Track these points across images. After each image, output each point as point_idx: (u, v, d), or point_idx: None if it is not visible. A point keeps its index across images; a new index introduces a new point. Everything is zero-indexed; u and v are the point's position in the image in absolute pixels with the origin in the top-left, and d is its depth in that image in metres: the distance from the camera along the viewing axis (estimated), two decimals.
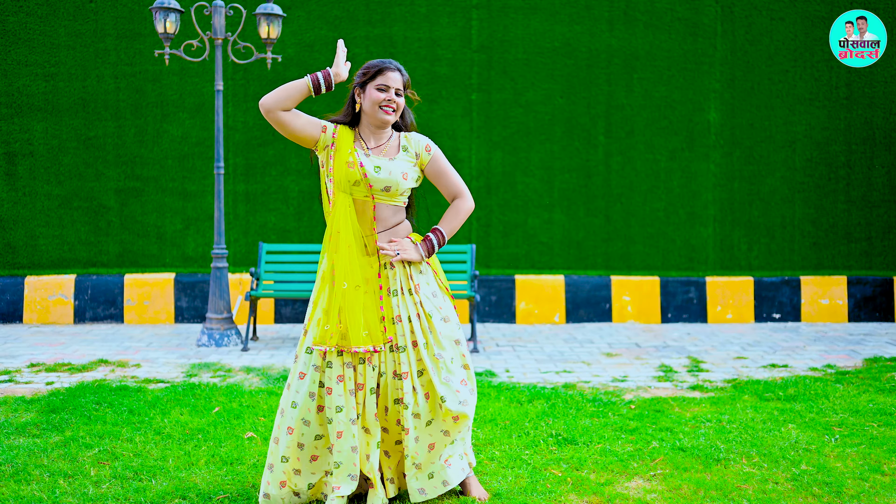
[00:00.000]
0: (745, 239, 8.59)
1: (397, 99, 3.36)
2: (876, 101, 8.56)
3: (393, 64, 3.38)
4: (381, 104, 3.34)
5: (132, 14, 8.21)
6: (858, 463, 3.98)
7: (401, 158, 3.40)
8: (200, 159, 8.32)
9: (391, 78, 3.35)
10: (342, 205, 3.33)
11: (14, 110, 8.22)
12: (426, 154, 3.44)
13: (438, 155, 3.47)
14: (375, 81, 3.35)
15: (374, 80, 3.36)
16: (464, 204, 3.48)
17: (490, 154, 8.44)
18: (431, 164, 3.44)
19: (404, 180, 3.36)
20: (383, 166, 3.34)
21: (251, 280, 7.44)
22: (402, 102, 3.40)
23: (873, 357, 6.61)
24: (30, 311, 8.23)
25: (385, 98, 3.34)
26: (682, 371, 6.14)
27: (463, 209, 3.48)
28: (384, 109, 3.35)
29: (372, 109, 3.36)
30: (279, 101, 3.30)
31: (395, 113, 3.37)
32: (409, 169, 3.39)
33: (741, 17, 8.48)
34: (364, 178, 3.31)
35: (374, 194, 3.34)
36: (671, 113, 8.50)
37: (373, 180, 3.32)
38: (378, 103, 3.34)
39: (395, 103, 3.35)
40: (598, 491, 3.62)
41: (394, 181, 3.33)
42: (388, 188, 3.34)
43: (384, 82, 3.34)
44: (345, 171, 3.32)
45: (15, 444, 4.19)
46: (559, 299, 8.42)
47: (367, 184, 3.32)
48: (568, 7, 8.41)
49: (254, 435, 4.40)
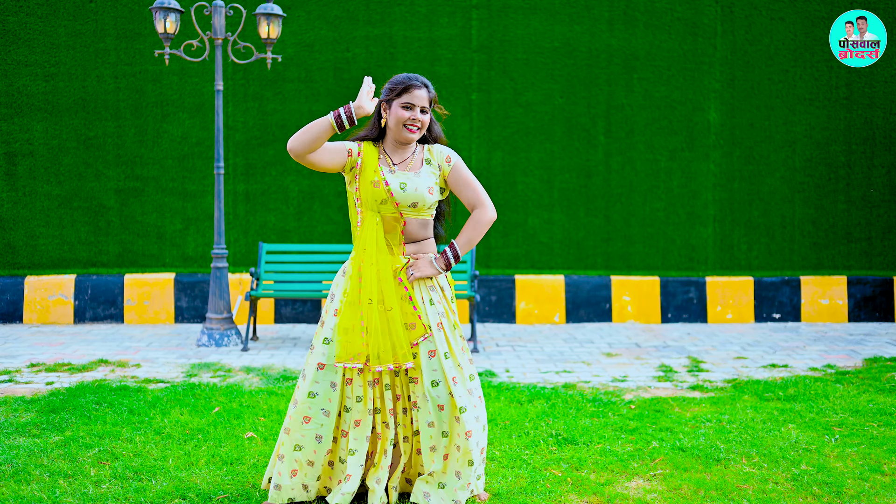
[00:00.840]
0: (745, 239, 8.59)
1: (422, 117, 3.34)
2: (876, 101, 8.56)
3: (420, 80, 3.35)
4: (406, 122, 3.32)
5: (132, 14, 8.21)
6: (858, 463, 3.98)
7: (425, 173, 3.38)
8: (200, 159, 8.32)
9: (417, 96, 3.32)
10: (370, 223, 3.34)
11: (14, 110, 8.22)
12: (447, 165, 3.42)
13: (459, 165, 3.45)
14: (401, 99, 3.32)
15: (401, 98, 3.32)
16: (483, 215, 3.45)
17: (490, 154, 8.44)
18: (452, 174, 3.42)
19: (430, 195, 3.36)
20: (409, 182, 3.33)
21: (251, 280, 7.43)
22: (428, 119, 3.38)
23: (873, 357, 6.61)
24: (30, 311, 8.23)
25: (410, 117, 3.31)
26: (682, 371, 6.14)
27: (483, 221, 3.44)
28: (409, 128, 3.33)
29: (397, 127, 3.34)
30: (305, 144, 3.26)
31: (419, 131, 3.35)
32: (433, 184, 3.38)
33: (741, 17, 8.48)
34: (391, 197, 3.31)
35: (401, 211, 3.34)
36: (671, 113, 8.50)
37: (399, 198, 3.31)
38: (403, 122, 3.32)
39: (419, 122, 3.33)
40: (598, 491, 3.62)
41: (420, 196, 3.33)
42: (415, 204, 3.34)
43: (409, 100, 3.31)
44: (371, 190, 3.32)
45: (15, 444, 4.19)
46: (559, 299, 8.42)
47: (393, 202, 3.31)
48: (568, 7, 8.41)
49: (254, 435, 4.40)
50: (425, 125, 3.37)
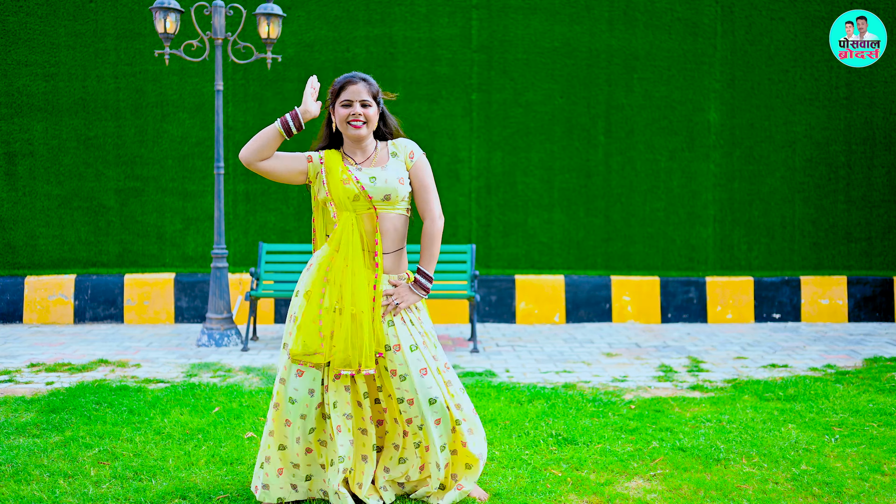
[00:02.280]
0: (745, 239, 8.59)
1: (365, 111, 3.32)
2: (876, 101, 8.56)
3: (356, 76, 3.35)
4: (349, 119, 3.33)
5: (132, 14, 8.21)
6: (858, 463, 3.98)
7: (392, 165, 3.38)
8: (200, 159, 8.32)
9: (353, 91, 3.32)
10: (346, 222, 3.32)
11: (14, 110, 8.22)
12: (409, 160, 3.42)
13: (422, 163, 3.43)
14: (340, 98, 3.35)
15: (339, 97, 3.35)
16: (434, 227, 3.42)
17: (490, 154, 8.44)
18: (414, 172, 3.41)
19: (401, 185, 3.34)
20: (378, 175, 3.32)
21: (251, 280, 7.44)
22: (373, 113, 3.35)
23: (873, 357, 6.61)
24: (30, 311, 8.23)
25: (350, 113, 3.32)
26: (682, 371, 6.14)
27: (436, 233, 3.42)
28: (352, 125, 3.32)
29: (342, 127, 3.35)
30: (255, 151, 3.31)
31: (365, 125, 3.33)
32: (402, 173, 3.37)
33: (741, 17, 8.48)
34: (362, 192, 3.30)
35: (375, 205, 3.32)
36: (671, 113, 8.50)
37: (371, 191, 3.30)
38: (345, 119, 3.33)
39: (363, 116, 3.32)
40: (598, 491, 3.62)
41: (392, 188, 3.32)
42: (387, 197, 3.32)
43: (347, 97, 3.33)
44: (341, 189, 3.31)
45: (15, 444, 4.19)
46: (559, 299, 8.42)
47: (366, 196, 3.30)
48: (568, 7, 8.41)
49: (254, 435, 4.40)
50: (370, 118, 3.34)
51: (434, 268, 3.47)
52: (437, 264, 7.41)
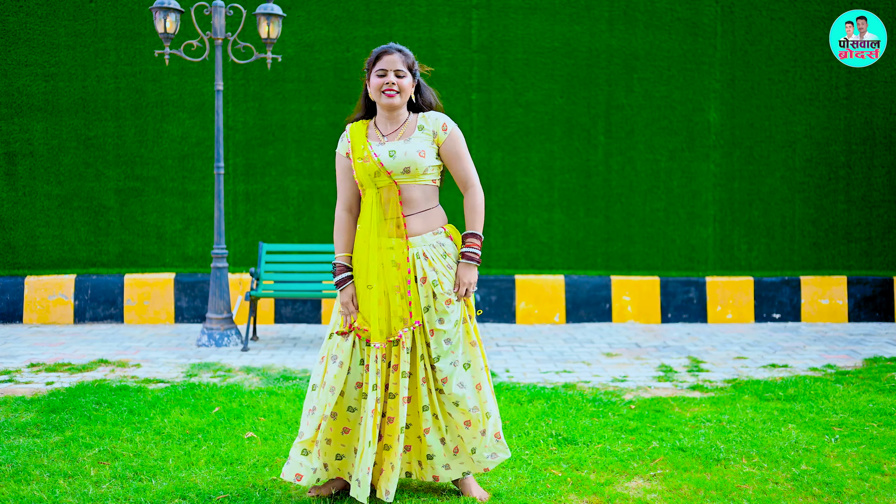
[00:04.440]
0: (745, 239, 8.59)
1: (400, 81, 3.33)
2: (876, 101, 8.56)
3: (392, 47, 3.37)
4: (383, 89, 3.33)
5: (132, 14, 8.21)
6: (858, 463, 3.98)
7: (416, 138, 3.37)
8: (200, 159, 8.32)
9: (388, 61, 3.33)
10: (369, 199, 3.37)
11: (14, 110, 8.22)
12: (443, 133, 3.41)
13: (455, 135, 3.43)
14: (375, 68, 3.36)
15: (375, 67, 3.36)
16: (476, 199, 3.45)
17: (490, 154, 8.44)
18: (446, 145, 3.41)
19: (421, 158, 3.33)
20: (398, 149, 3.33)
21: (251, 280, 7.43)
22: (407, 83, 3.36)
23: (873, 357, 6.61)
24: (30, 311, 8.23)
25: (385, 82, 3.33)
26: (682, 371, 6.14)
27: (477, 205, 3.44)
28: (386, 94, 3.33)
29: (376, 96, 3.37)
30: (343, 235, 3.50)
31: (398, 95, 3.34)
32: (426, 147, 3.36)
33: (741, 17, 8.48)
34: (381, 168, 3.31)
35: (395, 179, 3.33)
36: (671, 113, 8.50)
37: (389, 166, 3.31)
38: (379, 88, 3.34)
39: (396, 86, 3.33)
40: (598, 491, 3.62)
41: (411, 160, 3.31)
42: (407, 169, 3.32)
43: (382, 66, 3.34)
44: (362, 167, 3.35)
45: (15, 444, 4.19)
46: (559, 299, 8.42)
47: (385, 171, 3.32)
48: (568, 7, 8.41)
49: (254, 435, 4.40)
50: (404, 89, 3.36)
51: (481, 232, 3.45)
52: None
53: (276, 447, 4.19)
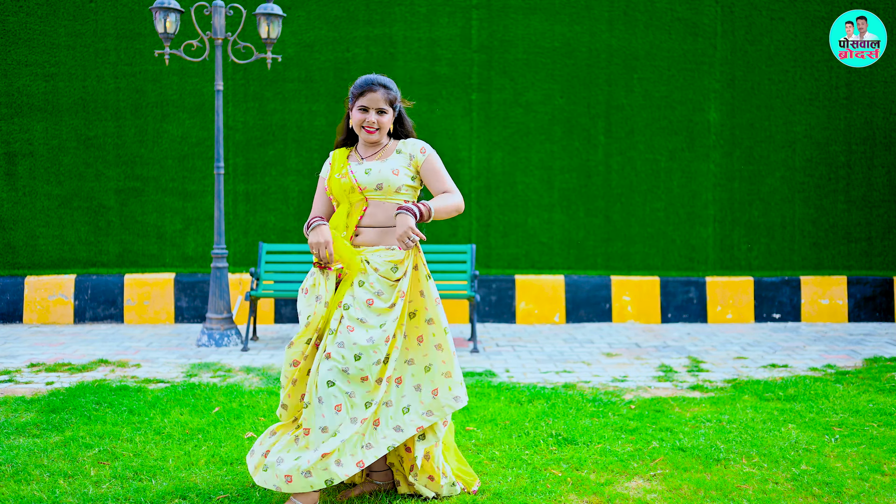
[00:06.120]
0: (745, 239, 8.59)
1: (380, 118, 3.40)
2: (876, 101, 8.56)
3: (377, 82, 3.40)
4: (363, 125, 3.41)
5: (132, 14, 8.21)
6: (858, 463, 3.98)
7: (393, 159, 3.45)
8: (200, 159, 8.32)
9: (371, 98, 3.39)
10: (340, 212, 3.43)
11: (14, 110, 8.22)
12: (421, 155, 3.47)
13: (433, 156, 3.49)
14: (358, 102, 3.42)
15: (357, 101, 3.42)
16: (454, 196, 3.43)
17: (490, 154, 8.44)
18: (426, 164, 3.46)
19: (395, 176, 3.38)
20: (373, 167, 3.40)
21: (251, 280, 7.44)
22: (387, 119, 3.43)
23: (873, 357, 6.61)
24: (30, 311, 8.23)
25: (366, 119, 3.40)
26: (682, 371, 6.14)
27: (452, 199, 3.41)
28: (366, 130, 3.42)
29: (357, 129, 3.45)
30: None
31: (378, 132, 3.42)
32: (400, 167, 3.41)
33: (741, 17, 8.48)
34: (355, 184, 3.38)
35: (367, 196, 3.39)
36: (671, 113, 8.50)
37: (363, 182, 3.38)
38: (360, 124, 3.42)
39: (376, 123, 3.40)
40: (598, 491, 3.62)
41: (384, 178, 3.37)
42: (379, 186, 3.37)
43: (364, 103, 3.40)
44: (338, 184, 3.42)
45: (15, 444, 4.19)
46: (559, 299, 8.42)
47: (358, 188, 3.38)
48: (568, 7, 8.41)
49: (254, 435, 4.40)
50: (383, 125, 3.43)
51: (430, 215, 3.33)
52: (437, 264, 7.41)
53: None
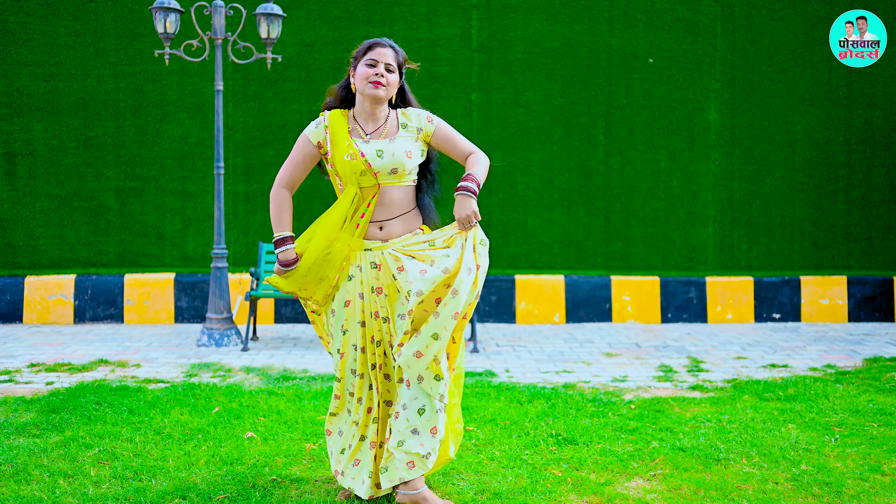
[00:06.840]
0: (745, 239, 8.59)
1: (388, 75, 3.28)
2: (876, 101, 8.56)
3: (385, 41, 3.32)
4: (370, 79, 3.27)
5: (132, 14, 8.21)
6: (858, 463, 3.98)
7: (401, 137, 3.34)
8: (200, 159, 8.32)
9: (380, 53, 3.28)
10: (347, 195, 3.31)
11: (14, 110, 8.22)
12: (429, 125, 3.38)
13: (441, 123, 3.41)
14: (366, 57, 3.29)
15: (365, 56, 3.30)
16: (481, 157, 3.40)
17: (490, 154, 8.44)
18: (437, 134, 3.39)
19: (409, 159, 3.31)
20: (385, 149, 3.28)
21: (251, 280, 7.44)
22: (396, 80, 3.32)
23: (873, 357, 6.61)
24: (30, 311, 8.23)
25: (374, 73, 3.26)
26: (682, 371, 6.14)
27: (483, 160, 3.38)
28: (373, 83, 3.26)
29: (361, 85, 3.29)
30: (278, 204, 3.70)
31: (384, 88, 3.28)
32: (411, 146, 3.34)
33: (741, 17, 8.48)
34: (369, 168, 3.26)
35: (380, 181, 3.30)
36: (671, 113, 8.50)
37: (377, 166, 3.27)
38: (367, 78, 3.27)
39: (385, 78, 3.27)
40: (598, 491, 3.62)
41: (399, 162, 3.28)
42: (394, 171, 3.29)
43: (373, 57, 3.28)
44: (346, 164, 3.28)
45: (15, 444, 4.19)
46: (559, 299, 8.42)
47: (372, 172, 3.27)
48: (568, 7, 8.41)
49: (254, 435, 4.40)
50: (392, 84, 3.30)
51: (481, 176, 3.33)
52: None
53: (276, 447, 4.19)
